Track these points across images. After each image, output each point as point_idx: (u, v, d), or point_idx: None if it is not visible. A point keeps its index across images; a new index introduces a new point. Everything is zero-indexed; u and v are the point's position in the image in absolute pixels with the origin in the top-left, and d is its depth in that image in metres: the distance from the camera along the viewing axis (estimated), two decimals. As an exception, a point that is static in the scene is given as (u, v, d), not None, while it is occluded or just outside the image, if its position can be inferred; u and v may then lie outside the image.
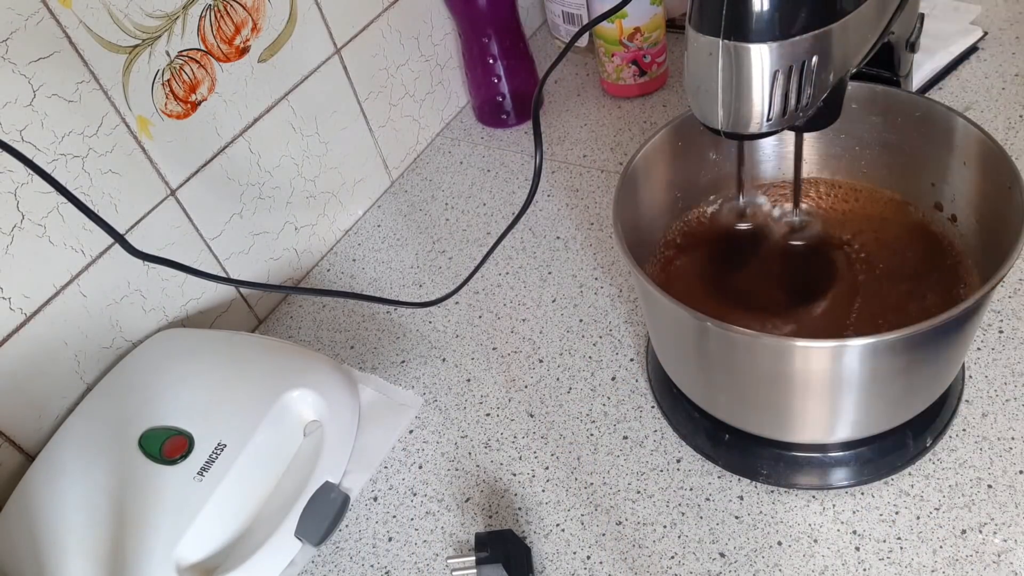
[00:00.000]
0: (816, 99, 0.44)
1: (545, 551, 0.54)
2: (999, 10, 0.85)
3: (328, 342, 0.71)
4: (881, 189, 0.58)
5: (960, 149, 0.52)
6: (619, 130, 0.85)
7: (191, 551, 0.52)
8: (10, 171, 0.53)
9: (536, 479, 0.58)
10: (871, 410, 0.49)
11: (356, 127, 0.79)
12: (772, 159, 0.61)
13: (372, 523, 0.58)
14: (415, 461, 0.61)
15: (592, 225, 0.76)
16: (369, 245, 0.80)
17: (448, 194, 0.83)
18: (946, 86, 0.79)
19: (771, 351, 0.46)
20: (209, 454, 0.55)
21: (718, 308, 0.55)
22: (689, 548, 0.53)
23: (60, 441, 0.58)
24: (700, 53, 0.43)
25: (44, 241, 0.56)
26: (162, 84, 0.61)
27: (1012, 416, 0.55)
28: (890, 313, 0.52)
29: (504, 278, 0.73)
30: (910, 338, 0.43)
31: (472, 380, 0.66)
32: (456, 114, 0.92)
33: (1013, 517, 0.50)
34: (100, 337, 0.62)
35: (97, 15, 0.55)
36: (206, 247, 0.67)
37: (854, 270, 0.55)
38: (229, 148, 0.67)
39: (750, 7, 0.40)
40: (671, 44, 0.89)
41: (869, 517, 0.52)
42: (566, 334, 0.67)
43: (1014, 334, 0.59)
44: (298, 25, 0.70)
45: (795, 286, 0.55)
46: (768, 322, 0.53)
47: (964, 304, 0.42)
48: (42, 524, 0.53)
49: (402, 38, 0.81)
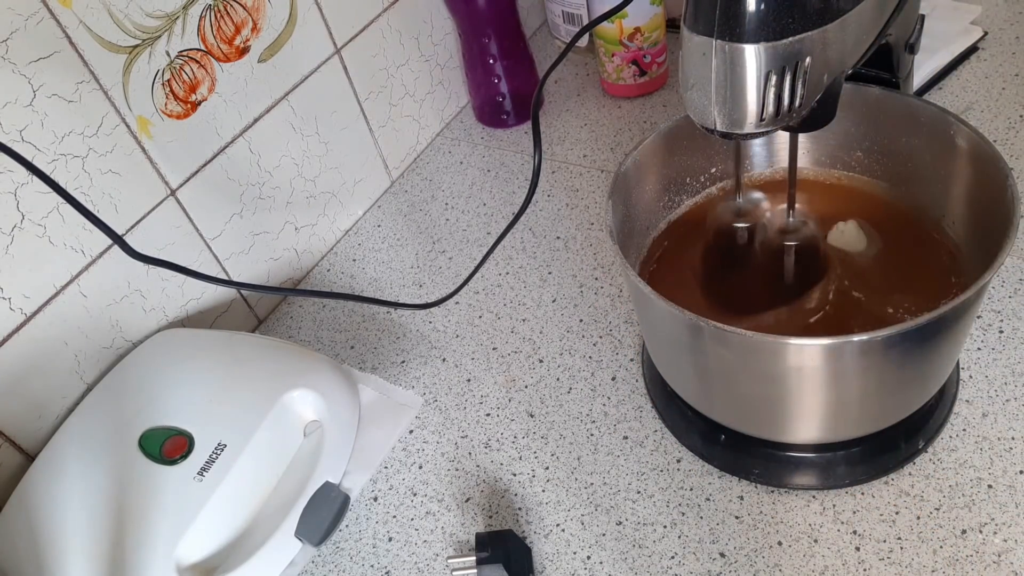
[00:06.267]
0: (810, 100, 0.44)
1: (545, 551, 0.54)
2: (999, 10, 0.85)
3: (328, 342, 0.71)
4: (875, 189, 0.59)
5: (952, 149, 0.52)
6: (619, 130, 0.85)
7: (191, 551, 0.52)
8: (10, 171, 0.53)
9: (536, 479, 0.58)
10: (863, 411, 0.50)
11: (356, 127, 0.79)
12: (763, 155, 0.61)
13: (372, 523, 0.58)
14: (415, 461, 0.61)
15: (592, 225, 0.76)
16: (369, 245, 0.80)
17: (448, 194, 0.83)
18: (946, 86, 0.79)
19: (762, 350, 0.46)
20: (209, 454, 0.55)
21: (711, 308, 0.55)
22: (689, 548, 0.53)
23: (60, 441, 0.58)
24: (694, 53, 0.43)
25: (44, 241, 0.56)
26: (162, 84, 0.61)
27: (1012, 416, 0.55)
28: (883, 312, 0.52)
29: (504, 278, 0.73)
30: (901, 336, 0.43)
31: (472, 380, 0.66)
32: (456, 114, 0.92)
33: (1013, 517, 0.50)
34: (100, 337, 0.62)
35: (97, 15, 0.55)
36: (206, 247, 0.68)
37: (847, 270, 0.55)
38: (229, 148, 0.67)
39: (744, 7, 0.40)
40: (671, 44, 0.89)
41: (869, 517, 0.52)
42: (566, 334, 0.67)
43: (1014, 334, 0.59)
44: (298, 25, 0.70)
45: (788, 285, 0.55)
46: (760, 321, 0.53)
47: (954, 301, 0.43)
48: (42, 524, 0.53)
49: (402, 38, 0.81)
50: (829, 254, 0.56)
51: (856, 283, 0.54)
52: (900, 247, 0.56)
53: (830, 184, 0.60)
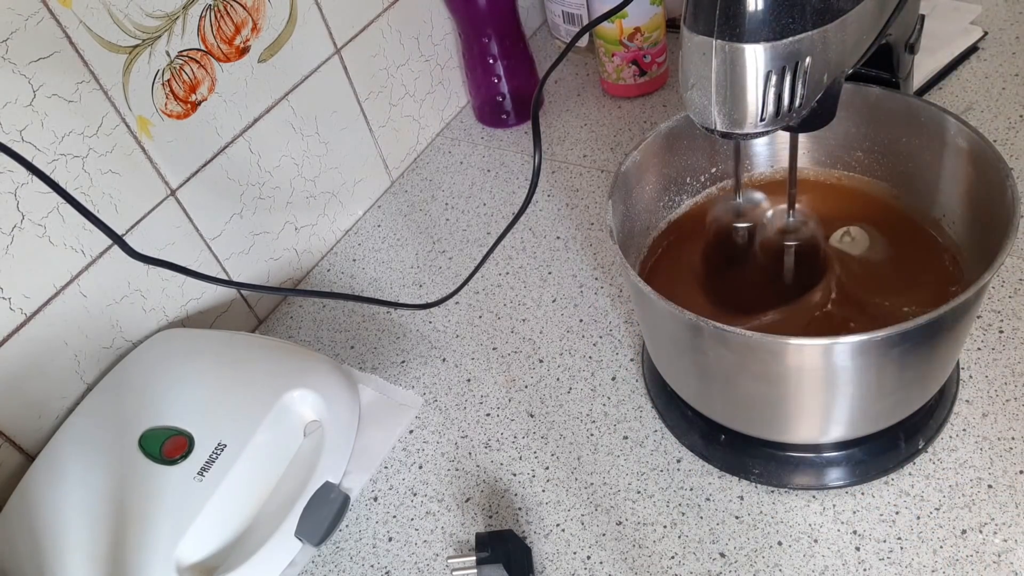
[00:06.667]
0: (810, 100, 0.44)
1: (545, 551, 0.54)
2: (999, 10, 0.85)
3: (328, 342, 0.71)
4: (875, 189, 0.59)
5: (952, 149, 0.52)
6: (619, 130, 0.85)
7: (191, 551, 0.52)
8: (10, 171, 0.53)
9: (536, 479, 0.58)
10: (863, 410, 0.50)
11: (356, 127, 0.79)
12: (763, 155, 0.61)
13: (372, 523, 0.58)
14: (415, 461, 0.61)
15: (592, 225, 0.76)
16: (369, 245, 0.80)
17: (448, 194, 0.83)
18: (946, 86, 0.79)
19: (762, 350, 0.46)
20: (209, 454, 0.55)
21: (711, 308, 0.55)
22: (689, 548, 0.53)
23: (60, 441, 0.58)
24: (694, 53, 0.43)
25: (44, 241, 0.56)
26: (162, 84, 0.61)
27: (1012, 416, 0.55)
28: (883, 312, 0.52)
29: (504, 278, 0.73)
30: (901, 336, 0.43)
31: (472, 380, 0.66)
32: (456, 114, 0.92)
33: (1013, 517, 0.50)
34: (100, 337, 0.62)
35: (97, 15, 0.55)
36: (206, 247, 0.68)
37: (847, 270, 0.55)
38: (229, 148, 0.67)
39: (744, 7, 0.40)
40: (671, 44, 0.89)
41: (869, 517, 0.52)
42: (566, 334, 0.67)
43: (1014, 334, 0.59)
44: (298, 25, 0.70)
45: (788, 285, 0.55)
46: (760, 321, 0.53)
47: (954, 302, 0.43)
48: (42, 524, 0.53)
49: (402, 38, 0.81)
50: (829, 254, 0.56)
51: (856, 283, 0.54)
52: (900, 247, 0.56)
53: (830, 184, 0.60)
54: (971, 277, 0.52)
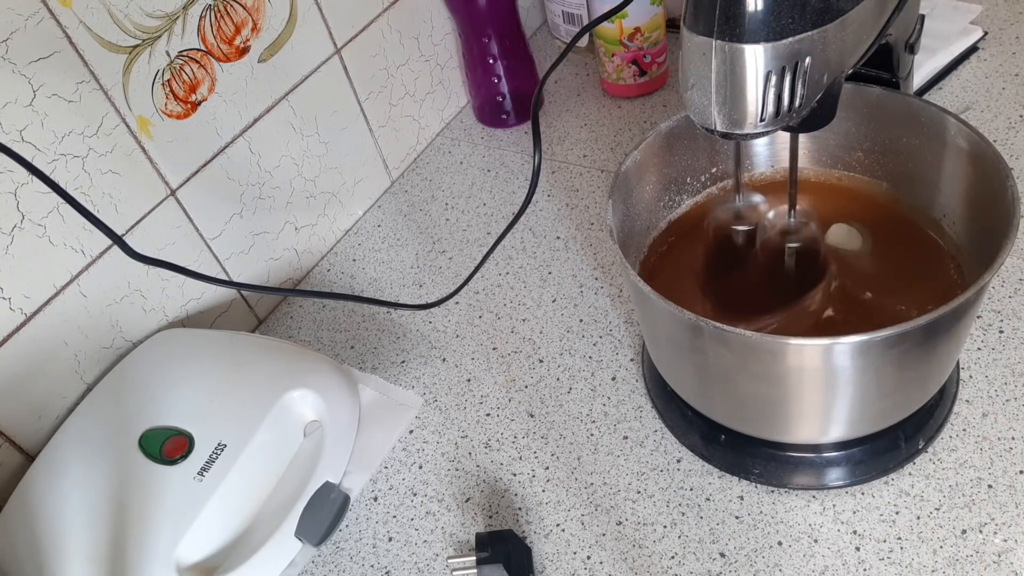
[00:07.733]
0: (810, 100, 0.44)
1: (545, 551, 0.54)
2: (999, 10, 0.85)
3: (328, 342, 0.71)
4: (875, 189, 0.59)
5: (952, 149, 0.52)
6: (619, 130, 0.85)
7: (191, 551, 0.52)
8: (10, 171, 0.53)
9: (536, 479, 0.58)
10: (862, 410, 0.50)
11: (356, 127, 0.79)
12: (763, 156, 0.61)
13: (372, 523, 0.58)
14: (415, 461, 0.61)
15: (592, 225, 0.76)
16: (369, 245, 0.80)
17: (448, 194, 0.83)
18: (946, 86, 0.79)
19: (762, 350, 0.46)
20: (209, 454, 0.55)
21: (711, 308, 0.55)
22: (689, 548, 0.53)
23: (60, 441, 0.58)
24: (694, 53, 0.43)
25: (44, 241, 0.56)
26: (162, 84, 0.61)
27: (1012, 416, 0.55)
28: (883, 312, 0.52)
29: (504, 278, 0.73)
30: (901, 336, 0.43)
31: (472, 380, 0.66)
32: (456, 114, 0.92)
33: (1013, 517, 0.50)
34: (100, 337, 0.62)
35: (97, 15, 0.55)
36: (206, 247, 0.68)
37: (847, 270, 0.55)
38: (229, 148, 0.67)
39: (744, 7, 0.40)
40: (671, 44, 0.89)
41: (869, 517, 0.52)
42: (566, 334, 0.67)
43: (1014, 334, 0.59)
44: (298, 25, 0.70)
45: (788, 286, 0.55)
46: (760, 321, 0.53)
47: (954, 302, 0.43)
48: (42, 524, 0.53)
49: (402, 38, 0.81)
50: (829, 255, 0.56)
51: (856, 283, 0.54)
52: (900, 247, 0.56)
53: (830, 184, 0.60)
54: (971, 277, 0.52)
